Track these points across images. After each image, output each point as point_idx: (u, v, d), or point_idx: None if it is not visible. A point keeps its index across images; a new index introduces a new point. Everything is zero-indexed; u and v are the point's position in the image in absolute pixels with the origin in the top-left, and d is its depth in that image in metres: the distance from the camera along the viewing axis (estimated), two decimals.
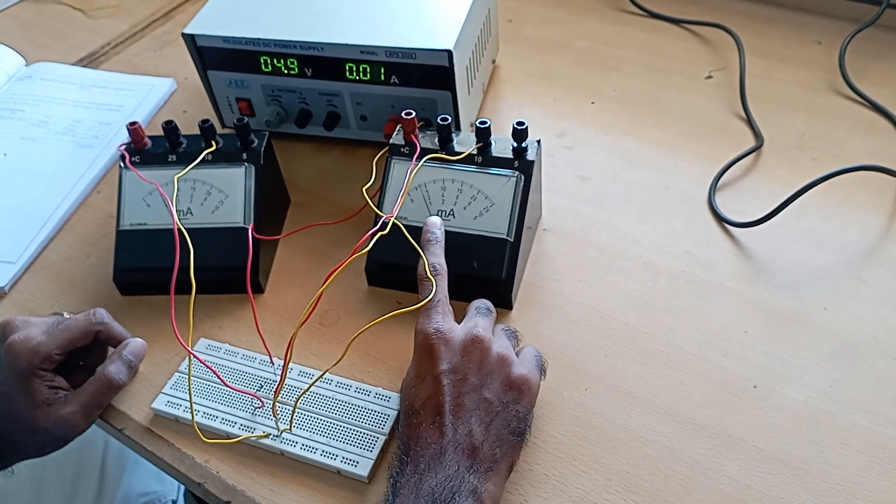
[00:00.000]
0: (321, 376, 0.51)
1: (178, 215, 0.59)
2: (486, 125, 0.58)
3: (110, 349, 0.56)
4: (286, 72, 0.67)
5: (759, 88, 0.74)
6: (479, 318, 0.51)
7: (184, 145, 0.62)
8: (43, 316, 0.56)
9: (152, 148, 0.62)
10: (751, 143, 0.69)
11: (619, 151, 0.70)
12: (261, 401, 0.53)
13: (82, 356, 0.55)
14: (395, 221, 0.55)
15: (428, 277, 0.51)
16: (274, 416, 0.51)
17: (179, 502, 0.85)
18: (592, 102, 0.76)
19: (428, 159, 0.58)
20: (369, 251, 0.58)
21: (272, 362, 0.55)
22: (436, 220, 0.55)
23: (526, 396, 0.48)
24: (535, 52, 0.83)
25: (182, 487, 0.85)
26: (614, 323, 0.56)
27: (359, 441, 0.50)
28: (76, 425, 0.52)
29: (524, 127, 0.57)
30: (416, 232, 0.56)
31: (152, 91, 0.82)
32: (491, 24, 0.75)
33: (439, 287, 0.51)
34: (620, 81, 0.78)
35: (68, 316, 0.55)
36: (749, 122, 0.71)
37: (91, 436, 0.55)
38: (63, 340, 0.52)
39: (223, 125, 0.74)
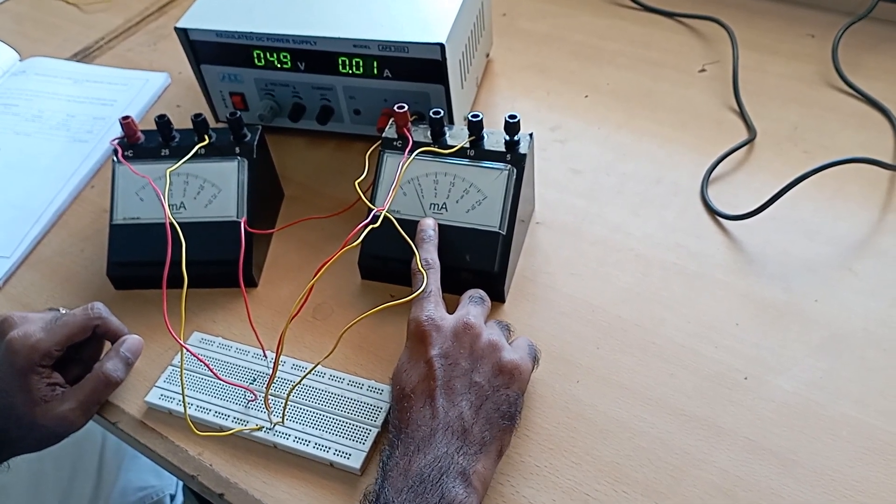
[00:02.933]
0: (312, 369, 0.52)
1: (172, 209, 0.59)
2: (479, 118, 0.58)
3: (107, 343, 0.57)
4: (279, 66, 0.67)
5: (752, 81, 0.74)
6: (472, 306, 0.52)
7: (177, 139, 0.62)
8: (38, 311, 0.56)
9: (145, 142, 0.62)
10: (744, 135, 0.69)
11: (612, 144, 0.70)
12: (254, 394, 0.53)
13: (78, 350, 0.55)
14: (387, 214, 0.56)
15: (420, 271, 0.52)
16: (266, 408, 0.52)
17: (178, 497, 0.85)
18: (586, 96, 0.76)
19: (420, 153, 0.58)
20: (362, 245, 0.58)
21: (265, 355, 0.56)
22: (430, 221, 0.56)
23: (516, 381, 0.48)
24: (529, 46, 0.83)
25: (180, 482, 0.85)
26: (606, 315, 0.57)
27: (351, 433, 0.50)
28: (74, 422, 0.52)
29: (516, 120, 0.57)
30: (409, 225, 0.57)
31: (146, 86, 0.82)
32: (484, 17, 0.75)
33: (431, 279, 0.52)
34: (614, 75, 0.78)
35: (65, 311, 0.55)
36: (742, 114, 0.71)
37: (89, 430, 0.55)
38: (62, 336, 0.52)
39: (217, 119, 0.74)
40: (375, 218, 0.54)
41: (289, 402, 0.52)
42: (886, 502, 0.45)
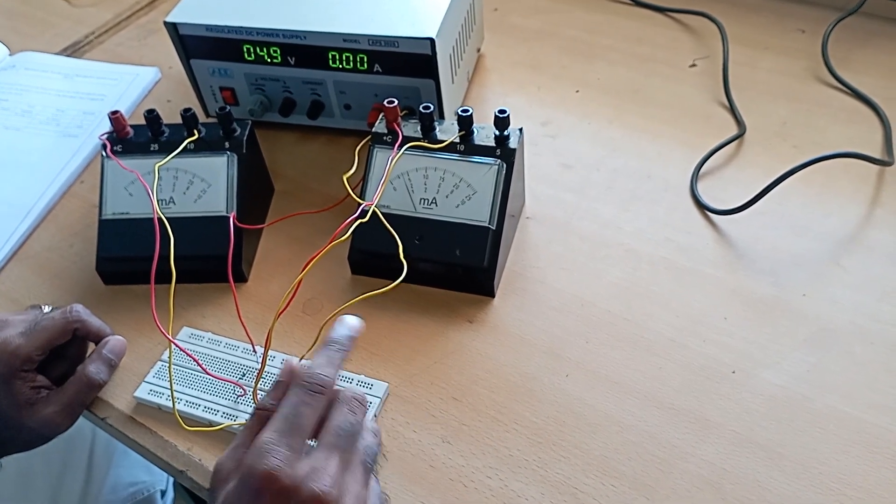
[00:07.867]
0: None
1: (161, 204, 0.59)
2: (468, 113, 0.58)
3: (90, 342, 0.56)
4: (269, 60, 0.67)
5: (742, 76, 0.74)
6: (332, 454, 0.39)
7: (166, 134, 0.62)
8: (22, 308, 0.56)
9: (134, 137, 0.62)
10: (733, 130, 0.69)
11: (603, 139, 0.70)
12: (243, 389, 0.53)
13: (63, 349, 0.55)
14: (375, 209, 0.55)
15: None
16: (255, 403, 0.52)
17: (168, 492, 0.85)
18: (577, 91, 0.76)
19: (409, 147, 0.58)
20: (352, 240, 0.58)
21: (254, 350, 0.55)
22: (353, 323, 0.45)
23: None
24: (520, 41, 0.83)
25: (171, 477, 0.85)
26: (595, 310, 0.57)
27: None
28: (59, 424, 0.52)
29: (506, 115, 0.57)
30: (399, 220, 0.57)
31: (136, 80, 0.82)
32: (476, 12, 0.75)
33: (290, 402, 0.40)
34: (605, 70, 0.78)
35: (47, 310, 0.55)
36: (732, 110, 0.71)
37: (79, 426, 0.55)
38: (41, 341, 0.52)
39: (207, 114, 0.74)
40: (364, 213, 0.54)
41: None
42: (873, 495, 0.46)
